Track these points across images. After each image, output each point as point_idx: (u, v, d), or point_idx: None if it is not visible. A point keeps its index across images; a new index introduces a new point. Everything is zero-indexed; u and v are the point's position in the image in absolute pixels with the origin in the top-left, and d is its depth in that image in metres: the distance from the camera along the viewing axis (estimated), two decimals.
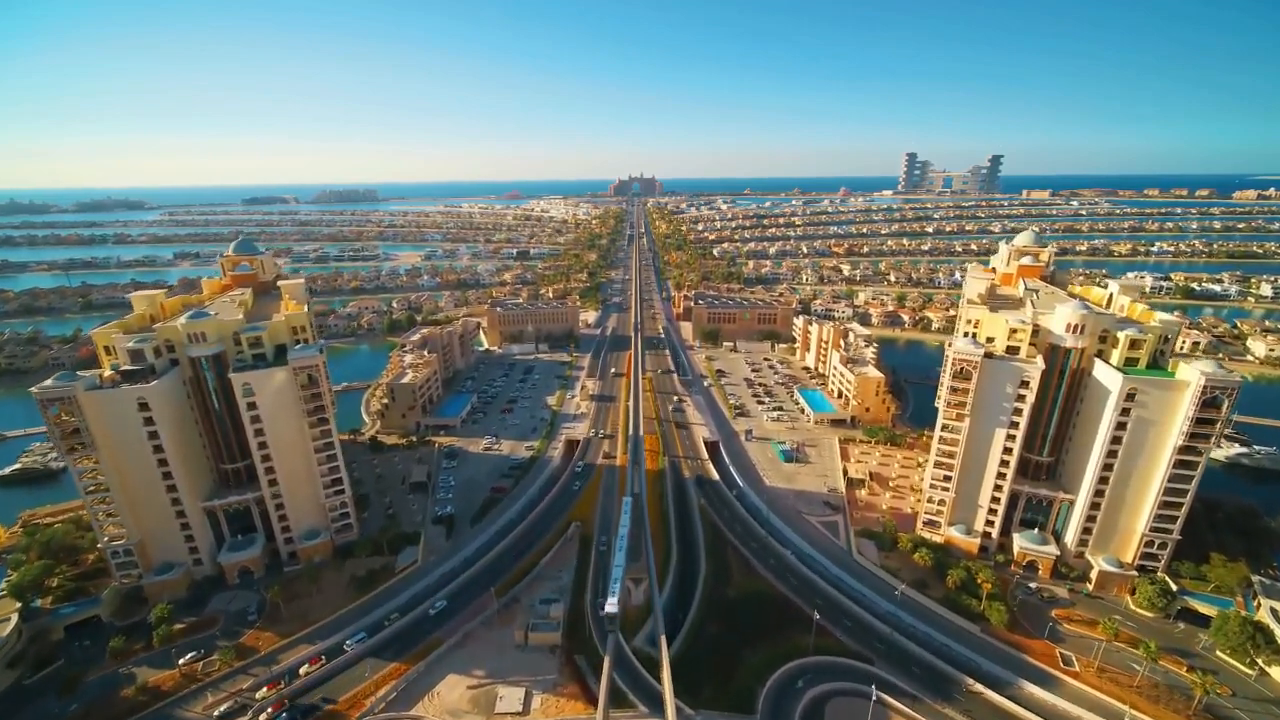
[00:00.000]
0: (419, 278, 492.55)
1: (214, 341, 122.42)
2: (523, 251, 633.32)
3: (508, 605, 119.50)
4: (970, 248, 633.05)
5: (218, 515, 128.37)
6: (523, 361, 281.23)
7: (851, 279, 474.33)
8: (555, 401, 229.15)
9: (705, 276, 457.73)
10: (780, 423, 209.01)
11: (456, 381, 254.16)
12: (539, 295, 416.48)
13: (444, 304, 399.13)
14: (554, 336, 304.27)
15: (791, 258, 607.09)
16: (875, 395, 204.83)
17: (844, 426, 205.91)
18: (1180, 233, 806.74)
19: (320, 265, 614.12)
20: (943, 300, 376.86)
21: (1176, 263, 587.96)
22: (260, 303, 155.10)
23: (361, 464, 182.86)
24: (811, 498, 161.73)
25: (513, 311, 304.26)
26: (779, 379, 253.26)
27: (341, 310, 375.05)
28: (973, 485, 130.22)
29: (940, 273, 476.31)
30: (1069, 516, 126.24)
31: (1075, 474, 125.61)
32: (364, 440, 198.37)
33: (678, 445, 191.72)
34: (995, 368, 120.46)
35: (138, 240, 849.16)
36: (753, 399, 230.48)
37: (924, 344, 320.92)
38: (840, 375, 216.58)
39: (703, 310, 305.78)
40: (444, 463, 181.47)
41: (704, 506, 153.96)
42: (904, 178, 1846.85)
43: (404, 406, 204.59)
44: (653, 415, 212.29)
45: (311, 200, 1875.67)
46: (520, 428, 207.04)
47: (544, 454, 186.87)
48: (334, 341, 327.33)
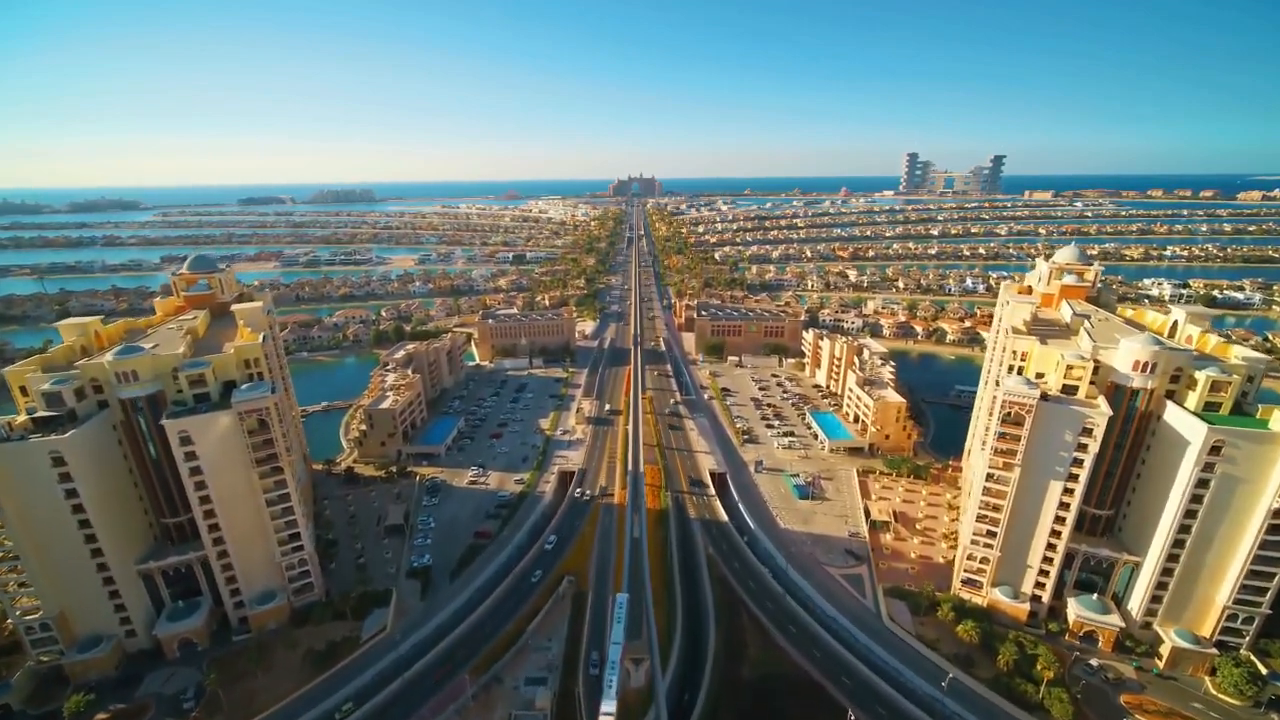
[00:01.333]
0: (411, 283, 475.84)
1: (148, 380, 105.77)
2: (519, 256, 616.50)
3: (486, 687, 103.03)
4: (978, 251, 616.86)
5: (155, 579, 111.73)
6: (515, 378, 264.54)
7: (859, 285, 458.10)
8: (549, 425, 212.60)
9: (707, 283, 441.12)
10: (792, 451, 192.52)
11: (443, 401, 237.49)
12: (534, 303, 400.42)
13: (435, 311, 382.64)
14: (549, 350, 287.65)
15: (795, 262, 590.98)
16: (896, 422, 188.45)
17: (862, 455, 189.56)
18: (1190, 235, 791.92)
19: (311, 269, 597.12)
20: (956, 310, 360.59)
21: (1190, 267, 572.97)
22: (217, 328, 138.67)
23: (334, 500, 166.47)
24: (831, 543, 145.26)
25: (505, 323, 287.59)
26: (788, 398, 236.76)
27: (328, 319, 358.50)
28: (1021, 542, 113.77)
29: (950, 279, 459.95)
30: (1133, 580, 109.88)
31: (1141, 532, 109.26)
32: (339, 471, 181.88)
33: (681, 477, 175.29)
34: (1053, 413, 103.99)
35: (127, 243, 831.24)
36: (761, 422, 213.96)
37: (938, 357, 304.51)
38: (857, 399, 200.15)
39: (706, 322, 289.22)
40: (425, 499, 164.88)
41: (712, 557, 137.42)
42: (905, 178, 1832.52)
43: (383, 434, 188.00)
44: (654, 441, 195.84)
45: (308, 200, 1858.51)
46: (510, 457, 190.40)
47: (535, 488, 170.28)
48: (318, 354, 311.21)
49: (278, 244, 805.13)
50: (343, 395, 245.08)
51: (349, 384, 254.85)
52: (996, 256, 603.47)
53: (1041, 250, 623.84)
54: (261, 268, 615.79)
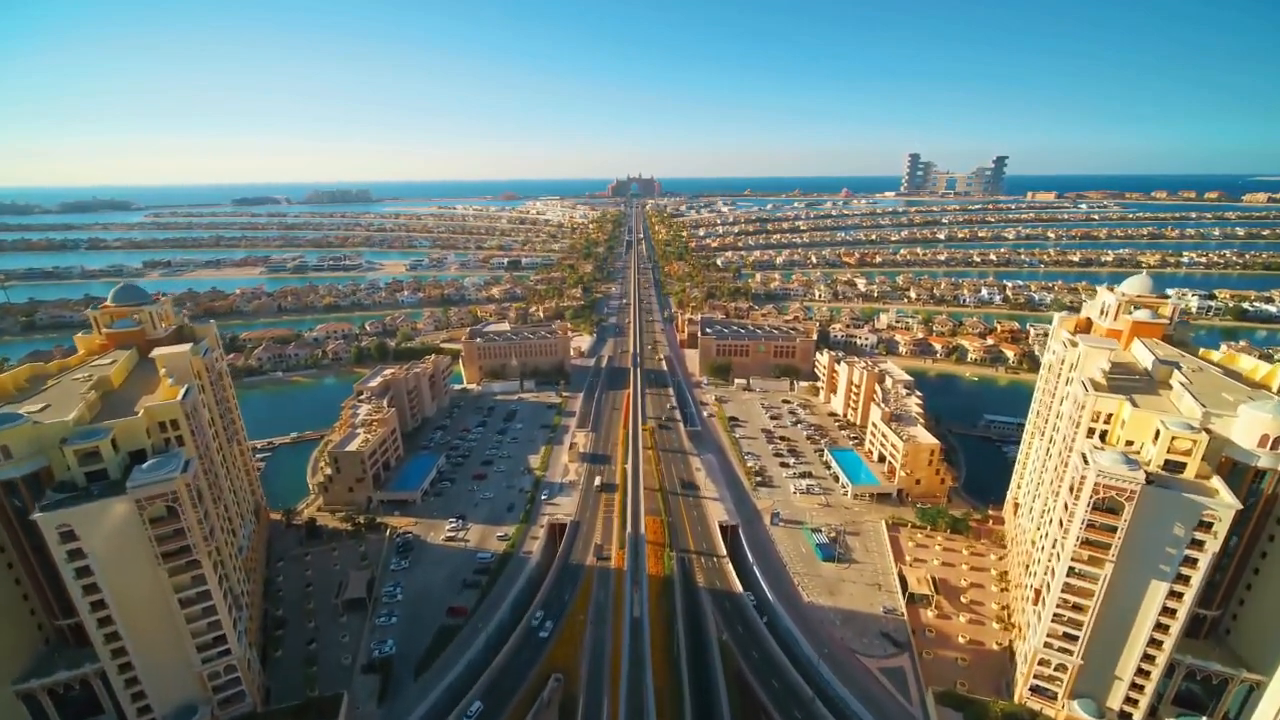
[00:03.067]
0: (400, 292, 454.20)
1: (27, 456, 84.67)
2: (514, 261, 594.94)
3: None
4: (989, 257, 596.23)
5: (39, 699, 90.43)
6: (504, 403, 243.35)
7: (869, 295, 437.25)
8: (539, 463, 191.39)
9: (710, 293, 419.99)
10: (812, 497, 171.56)
11: (424, 432, 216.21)
12: (528, 315, 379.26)
13: (423, 324, 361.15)
14: (541, 371, 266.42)
15: (800, 268, 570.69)
16: (928, 465, 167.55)
17: (889, 502, 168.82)
18: (1202, 240, 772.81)
19: (298, 275, 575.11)
20: (974, 324, 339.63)
21: (1209, 275, 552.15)
22: (142, 374, 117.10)
23: (291, 562, 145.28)
24: (864, 623, 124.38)
25: (494, 343, 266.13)
26: (803, 429, 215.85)
27: (308, 334, 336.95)
28: (1110, 649, 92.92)
29: (964, 288, 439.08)
30: (1252, 701, 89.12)
31: (1261, 641, 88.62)
32: (300, 522, 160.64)
33: (687, 532, 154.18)
34: (1161, 501, 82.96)
35: (112, 246, 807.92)
36: (775, 459, 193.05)
37: (959, 378, 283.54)
38: (882, 436, 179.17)
39: (711, 341, 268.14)
40: (394, 560, 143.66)
41: (726, 645, 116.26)
42: (907, 179, 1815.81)
43: (351, 479, 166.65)
44: (656, 484, 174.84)
45: (303, 201, 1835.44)
46: (494, 504, 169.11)
47: (520, 546, 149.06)
48: (294, 375, 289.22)
49: (267, 247, 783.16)
50: (317, 423, 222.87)
51: (326, 409, 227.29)
52: (1008, 263, 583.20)
53: (1053, 256, 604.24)
54: (247, 273, 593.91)
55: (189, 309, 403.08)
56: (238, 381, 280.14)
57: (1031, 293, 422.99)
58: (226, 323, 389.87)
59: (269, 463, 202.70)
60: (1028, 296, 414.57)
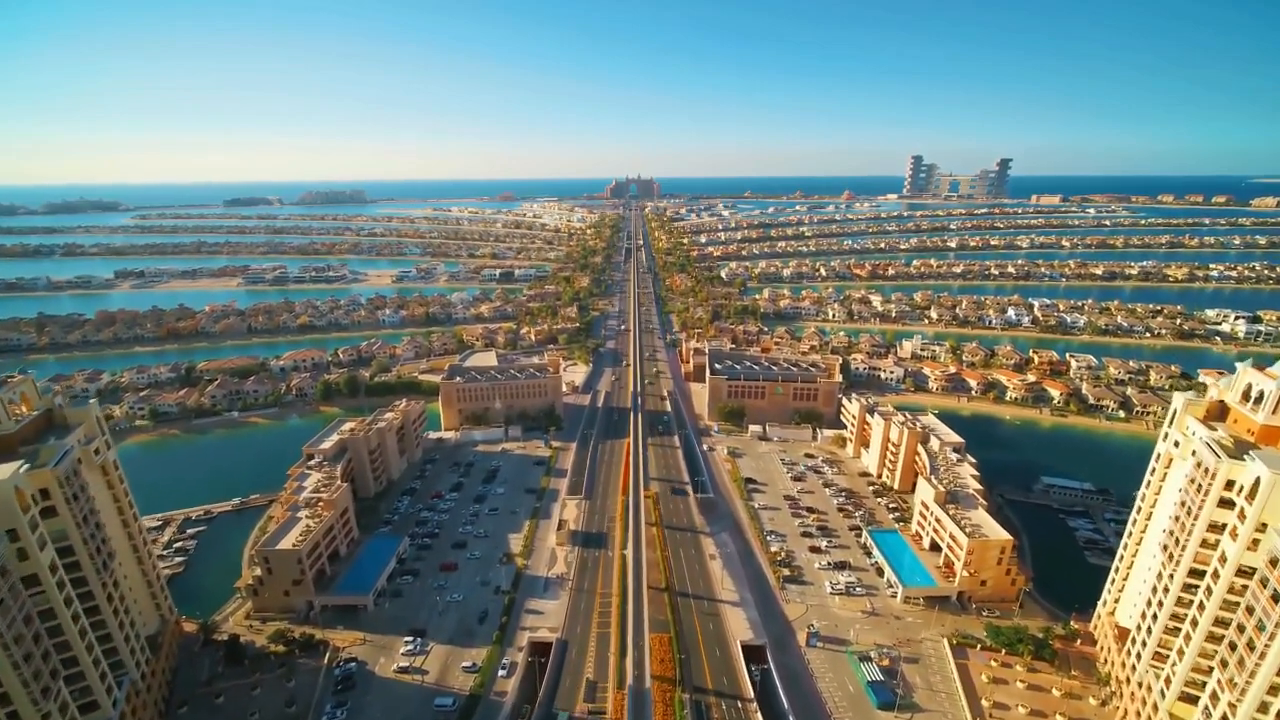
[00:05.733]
0: (382, 309, 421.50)
1: None
2: (506, 273, 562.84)
3: None
4: (1007, 270, 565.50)
5: None
6: (485, 456, 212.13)
7: (885, 315, 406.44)
8: (521, 545, 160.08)
9: (715, 314, 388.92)
10: (853, 599, 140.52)
11: (389, 498, 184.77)
12: (518, 339, 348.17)
13: (403, 349, 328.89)
14: (530, 415, 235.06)
15: (809, 281, 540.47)
16: (999, 565, 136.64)
17: (948, 606, 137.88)
18: (1222, 249, 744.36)
19: (277, 287, 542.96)
20: (1008, 354, 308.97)
21: (1239, 290, 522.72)
22: None
23: (197, 704, 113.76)
24: None
25: (477, 383, 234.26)
26: (832, 494, 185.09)
27: (275, 362, 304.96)
28: None
29: (988, 307, 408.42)
30: None
31: None
32: (220, 637, 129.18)
33: (703, 657, 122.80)
34: None
35: (89, 252, 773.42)
36: (803, 540, 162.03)
37: (999, 421, 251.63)
38: (936, 522, 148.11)
39: (722, 382, 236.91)
40: (329, 705, 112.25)
41: None
42: (909, 181, 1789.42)
43: (286, 581, 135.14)
44: (662, 579, 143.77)
45: (296, 201, 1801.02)
46: (463, 610, 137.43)
47: (491, 683, 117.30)
48: (251, 415, 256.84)
49: (250, 254, 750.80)
50: (272, 479, 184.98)
51: (285, 459, 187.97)
52: (1027, 276, 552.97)
53: (1074, 269, 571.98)
54: (225, 285, 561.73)
55: (150, 328, 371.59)
56: (185, 425, 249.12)
57: (1061, 313, 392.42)
58: (190, 346, 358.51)
59: (203, 540, 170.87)
60: (1058, 318, 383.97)
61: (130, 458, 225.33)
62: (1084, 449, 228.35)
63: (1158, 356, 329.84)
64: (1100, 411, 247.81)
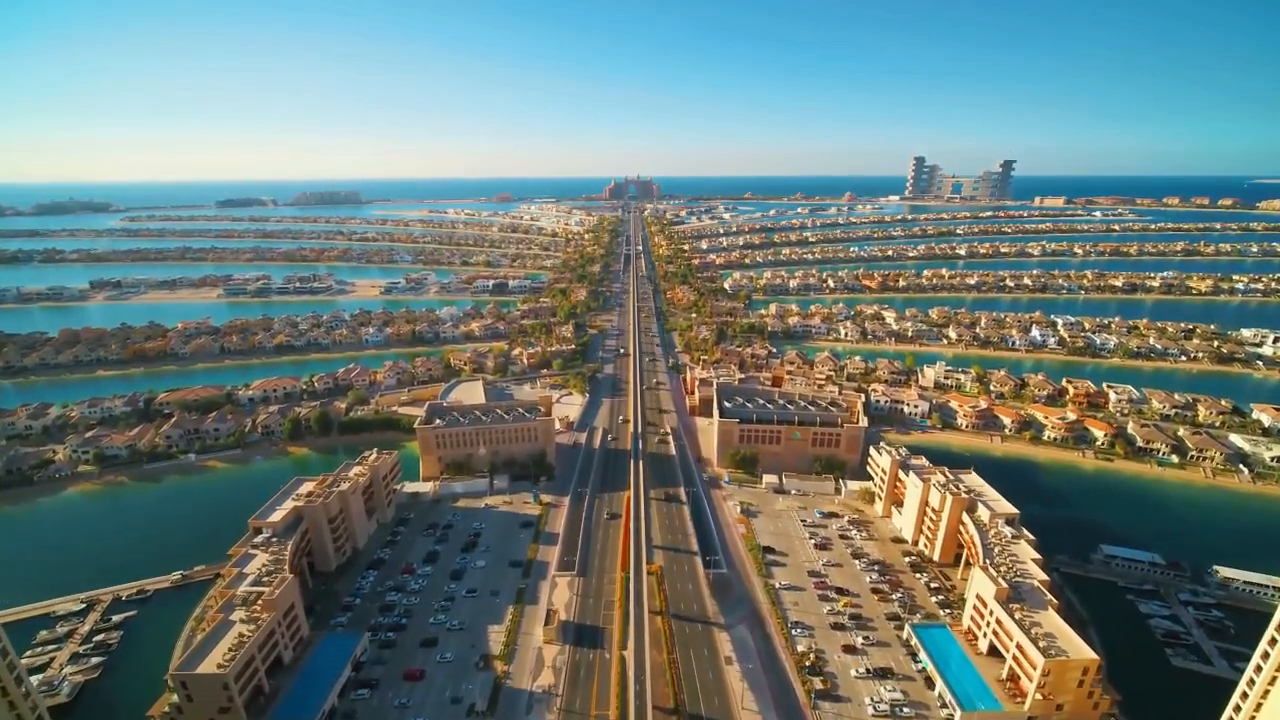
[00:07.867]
0: (366, 326, 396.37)
1: None
2: (500, 284, 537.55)
3: None
4: (1023, 281, 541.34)
5: None
6: (466, 514, 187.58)
7: (901, 334, 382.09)
8: (502, 642, 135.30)
9: (721, 333, 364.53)
10: None
11: (352, 573, 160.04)
12: (510, 362, 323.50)
13: (384, 374, 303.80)
14: (517, 462, 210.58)
15: (816, 293, 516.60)
16: (1079, 687, 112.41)
17: None
18: (1240, 257, 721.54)
19: (259, 299, 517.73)
20: (1040, 383, 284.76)
21: (1266, 303, 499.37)
22: None
23: None
24: None
25: (459, 426, 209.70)
26: (864, 568, 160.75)
27: (243, 391, 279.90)
28: None
29: (1009, 326, 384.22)
30: None
31: None
32: None
33: None
34: None
35: (68, 258, 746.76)
36: (833, 634, 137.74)
37: (1038, 466, 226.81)
38: (997, 624, 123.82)
39: (733, 426, 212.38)
40: None
41: None
42: (912, 183, 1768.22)
43: (211, 709, 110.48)
44: (670, 698, 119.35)
45: (291, 202, 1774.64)
46: None
47: None
48: (209, 457, 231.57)
49: (237, 260, 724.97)
50: (223, 540, 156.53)
51: (245, 508, 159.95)
52: (1044, 288, 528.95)
53: (1092, 280, 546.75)
54: (204, 296, 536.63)
55: (114, 349, 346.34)
56: (135, 471, 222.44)
57: (1089, 333, 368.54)
58: (156, 370, 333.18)
59: (131, 629, 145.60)
60: (1086, 339, 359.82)
61: (67, 513, 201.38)
62: (1137, 502, 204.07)
63: (1196, 384, 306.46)
64: (1151, 456, 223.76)
